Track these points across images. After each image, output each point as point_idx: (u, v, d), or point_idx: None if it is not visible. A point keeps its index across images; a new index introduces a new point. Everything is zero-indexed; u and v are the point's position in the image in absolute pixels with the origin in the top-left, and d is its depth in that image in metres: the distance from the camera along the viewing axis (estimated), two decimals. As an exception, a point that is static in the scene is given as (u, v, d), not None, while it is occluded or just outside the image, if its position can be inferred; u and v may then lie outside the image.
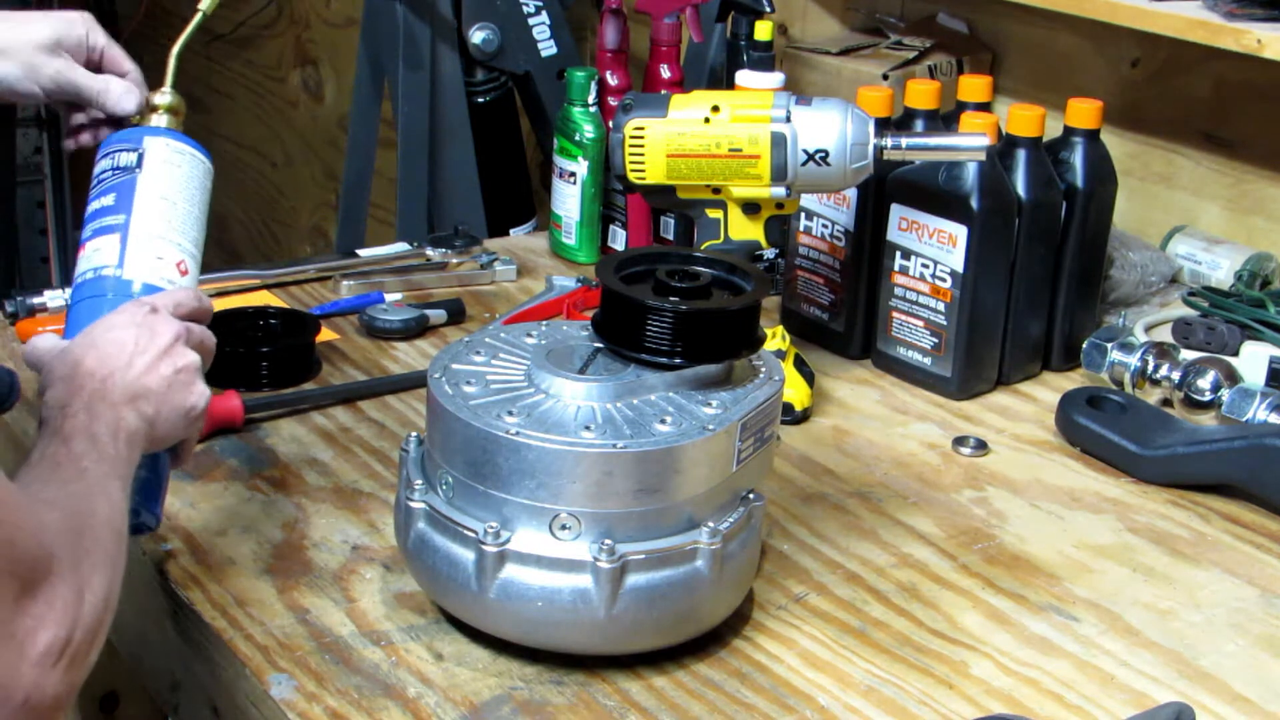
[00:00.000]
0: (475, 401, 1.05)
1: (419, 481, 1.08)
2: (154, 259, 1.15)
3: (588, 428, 1.02)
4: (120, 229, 1.15)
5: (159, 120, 1.22)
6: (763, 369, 1.13)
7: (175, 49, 1.25)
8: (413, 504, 1.07)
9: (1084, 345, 1.54)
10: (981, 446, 1.43)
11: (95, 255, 1.15)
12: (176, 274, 1.15)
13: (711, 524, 1.05)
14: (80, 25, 1.23)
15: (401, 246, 1.79)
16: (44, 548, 0.86)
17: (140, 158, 1.17)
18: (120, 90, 1.23)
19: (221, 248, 3.44)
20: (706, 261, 1.15)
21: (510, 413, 1.03)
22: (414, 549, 1.08)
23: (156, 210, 1.16)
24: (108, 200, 1.17)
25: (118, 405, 1.02)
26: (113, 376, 1.03)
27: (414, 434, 1.13)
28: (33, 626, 0.84)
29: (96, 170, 1.19)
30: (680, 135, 1.37)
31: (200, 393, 1.09)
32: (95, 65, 1.24)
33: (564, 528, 1.02)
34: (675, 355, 1.08)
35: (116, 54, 1.25)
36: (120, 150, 1.19)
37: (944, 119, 1.57)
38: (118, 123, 1.24)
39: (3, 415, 0.78)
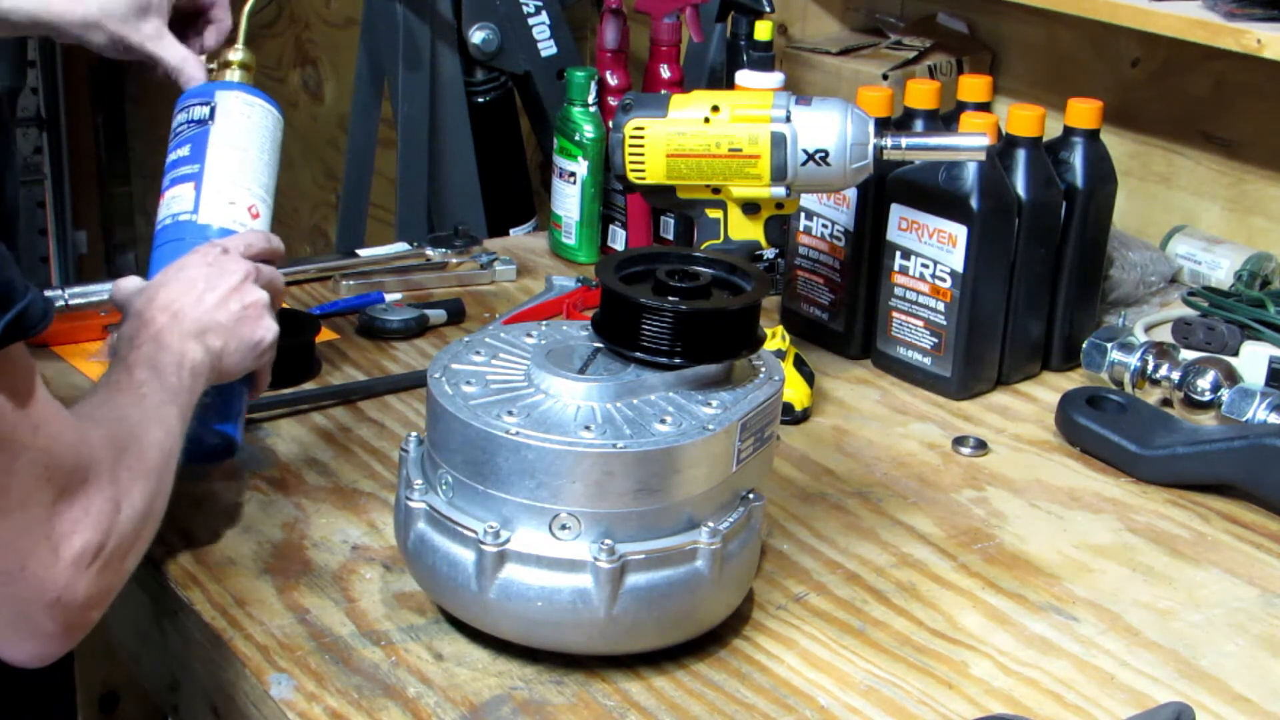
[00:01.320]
0: (475, 401, 1.05)
1: (419, 481, 1.08)
2: (227, 204, 1.23)
3: (587, 428, 1.02)
4: (195, 177, 1.24)
5: (231, 75, 1.31)
6: (763, 369, 1.13)
7: (247, 9, 1.34)
8: (413, 504, 1.07)
9: (1084, 345, 1.54)
10: (981, 446, 1.43)
11: (173, 203, 1.24)
12: (248, 217, 1.24)
13: (711, 524, 1.05)
14: None
15: (401, 246, 1.79)
16: (83, 458, 0.92)
17: (212, 110, 1.26)
18: (193, 71, 1.30)
19: (221, 248, 3.44)
20: (706, 261, 1.15)
21: (510, 412, 1.03)
22: (414, 549, 1.08)
23: (228, 158, 1.25)
24: (183, 151, 1.25)
25: (185, 338, 1.10)
26: (182, 311, 1.11)
27: (414, 434, 1.13)
28: (67, 530, 0.90)
29: (174, 125, 1.28)
30: (680, 135, 1.37)
31: (268, 327, 1.17)
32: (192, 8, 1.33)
33: (564, 528, 1.02)
34: (675, 355, 1.08)
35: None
36: (194, 105, 1.27)
37: (944, 119, 1.57)
38: None
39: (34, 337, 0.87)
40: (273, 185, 1.28)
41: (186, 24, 1.35)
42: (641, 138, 1.38)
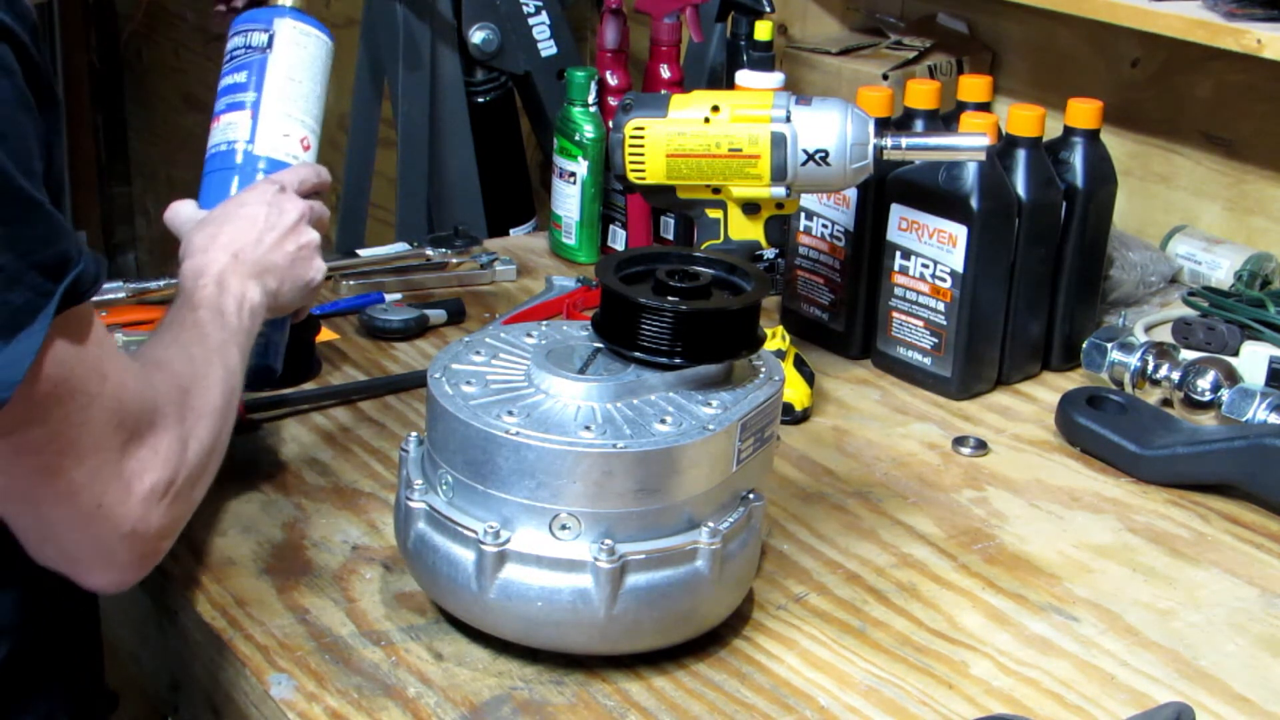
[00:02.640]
0: (475, 401, 1.05)
1: (419, 481, 1.08)
2: (281, 135, 1.27)
3: (587, 428, 1.02)
4: (252, 106, 1.27)
5: (286, 1, 1.34)
6: (763, 369, 1.13)
7: None
8: (413, 504, 1.07)
9: (1084, 345, 1.54)
10: (981, 446, 1.43)
11: (229, 129, 1.28)
12: (300, 150, 1.28)
13: (711, 524, 1.05)
14: None
15: (401, 246, 1.79)
16: (149, 402, 0.98)
17: (271, 38, 1.30)
18: None
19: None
20: (706, 261, 1.15)
21: (510, 412, 1.03)
22: (414, 549, 1.08)
23: (284, 89, 1.29)
24: (240, 77, 1.29)
25: (245, 280, 1.15)
26: (243, 252, 1.16)
27: (414, 434, 1.13)
28: (138, 469, 0.97)
29: (229, 46, 1.32)
30: (680, 135, 1.37)
31: (318, 268, 1.23)
32: None
33: (564, 528, 1.02)
34: (675, 355, 1.08)
35: None
36: (252, 30, 1.31)
37: (944, 119, 1.58)
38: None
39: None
40: (321, 117, 1.32)
41: None
42: (641, 138, 1.38)
